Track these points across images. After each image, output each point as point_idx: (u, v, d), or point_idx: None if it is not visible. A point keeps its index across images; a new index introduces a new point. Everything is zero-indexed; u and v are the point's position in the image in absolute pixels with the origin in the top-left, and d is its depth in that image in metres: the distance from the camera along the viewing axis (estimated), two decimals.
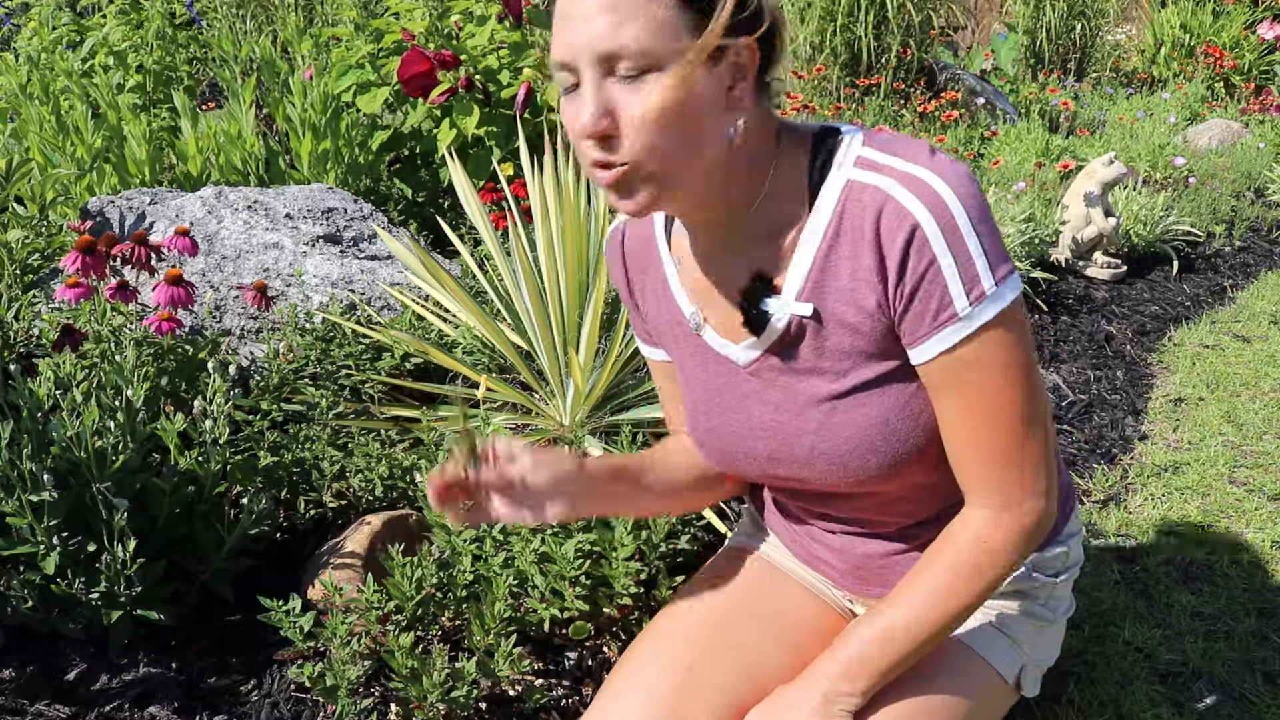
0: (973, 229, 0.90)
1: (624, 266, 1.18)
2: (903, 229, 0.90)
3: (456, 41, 3.26)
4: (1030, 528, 0.99)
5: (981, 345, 0.93)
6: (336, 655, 1.33)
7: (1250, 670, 1.63)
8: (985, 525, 0.99)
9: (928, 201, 0.90)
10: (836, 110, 5.29)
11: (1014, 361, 0.94)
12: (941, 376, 0.96)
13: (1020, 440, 0.96)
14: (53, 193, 2.78)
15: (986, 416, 0.96)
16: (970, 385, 0.95)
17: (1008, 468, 0.97)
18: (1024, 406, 0.95)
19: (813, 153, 0.98)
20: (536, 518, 1.03)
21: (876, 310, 0.96)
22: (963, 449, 0.99)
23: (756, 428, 1.08)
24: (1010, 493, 0.98)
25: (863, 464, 1.02)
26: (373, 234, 2.67)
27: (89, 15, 4.97)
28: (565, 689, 1.51)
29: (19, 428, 1.46)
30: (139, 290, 1.77)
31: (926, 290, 0.92)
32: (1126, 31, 8.55)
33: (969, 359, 0.94)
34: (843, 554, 1.19)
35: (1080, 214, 3.61)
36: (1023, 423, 0.96)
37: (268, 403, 1.87)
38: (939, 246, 0.90)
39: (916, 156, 0.93)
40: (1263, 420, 2.57)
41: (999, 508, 0.99)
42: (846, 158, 0.96)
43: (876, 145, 0.95)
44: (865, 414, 1.01)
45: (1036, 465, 0.98)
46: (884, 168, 0.93)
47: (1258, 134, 5.81)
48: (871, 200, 0.92)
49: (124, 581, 1.47)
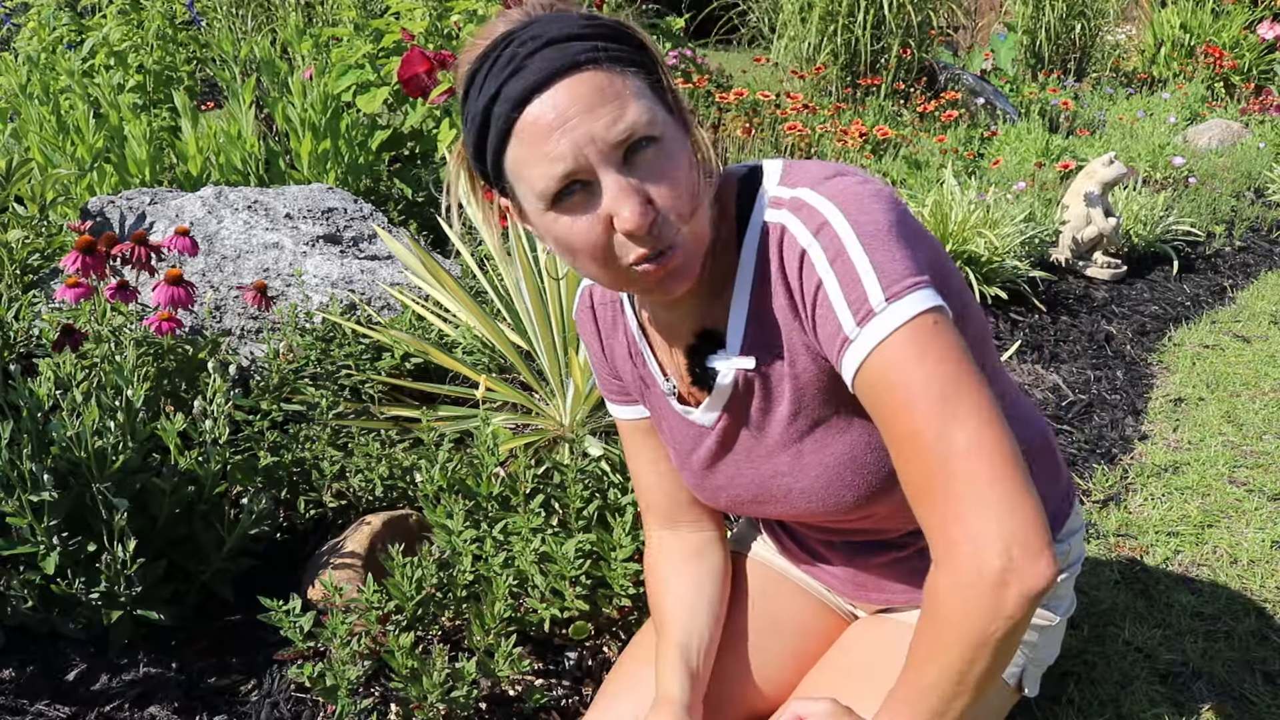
0: (860, 246, 0.86)
1: (595, 325, 1.16)
2: (794, 256, 0.90)
3: (457, 41, 3.26)
4: (978, 581, 0.80)
5: (879, 366, 0.85)
6: (336, 655, 1.33)
7: (1250, 670, 1.63)
8: (931, 576, 0.86)
9: (813, 226, 0.89)
10: (836, 110, 5.29)
11: (916, 381, 0.83)
12: (865, 402, 0.89)
13: (943, 471, 0.83)
14: (53, 193, 2.78)
15: (903, 444, 0.86)
16: (883, 412, 0.87)
17: (934, 504, 0.84)
18: (938, 432, 0.83)
19: (739, 198, 0.97)
20: None
21: (802, 348, 0.94)
22: (903, 485, 0.89)
23: (735, 476, 1.08)
24: (945, 532, 0.83)
25: (839, 499, 1.02)
26: (373, 234, 2.67)
27: (89, 15, 4.97)
28: (565, 689, 1.51)
29: (19, 428, 1.46)
30: (139, 290, 1.77)
31: (822, 314, 0.89)
32: (1126, 31, 8.56)
33: (871, 381, 0.86)
34: (842, 563, 1.19)
35: (1080, 214, 3.61)
36: (940, 451, 0.83)
37: (268, 403, 1.87)
38: (823, 269, 0.88)
39: (814, 184, 0.91)
40: (1263, 420, 2.57)
41: (937, 554, 0.85)
42: (762, 199, 0.94)
43: (786, 180, 0.94)
44: (831, 453, 1.00)
45: (971, 504, 0.82)
46: (786, 202, 0.92)
47: (1258, 134, 5.81)
48: (776, 237, 0.92)
49: (124, 581, 1.47)
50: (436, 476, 1.56)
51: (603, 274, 0.89)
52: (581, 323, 1.18)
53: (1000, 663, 0.84)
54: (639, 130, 0.83)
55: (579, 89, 0.82)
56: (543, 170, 0.83)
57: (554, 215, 0.86)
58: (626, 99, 0.83)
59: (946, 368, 0.84)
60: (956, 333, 0.87)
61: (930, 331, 0.85)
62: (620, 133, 0.82)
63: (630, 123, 0.83)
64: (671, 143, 0.86)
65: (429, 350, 2.02)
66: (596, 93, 0.82)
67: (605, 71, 0.83)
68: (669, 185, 0.85)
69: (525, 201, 0.89)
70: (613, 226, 0.85)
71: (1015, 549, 0.80)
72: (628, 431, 1.19)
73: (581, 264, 0.89)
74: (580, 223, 0.85)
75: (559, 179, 0.83)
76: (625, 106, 0.83)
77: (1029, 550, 0.80)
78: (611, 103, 0.82)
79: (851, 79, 5.96)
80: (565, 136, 0.82)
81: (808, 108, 4.93)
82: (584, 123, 0.82)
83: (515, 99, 0.83)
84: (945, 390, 0.84)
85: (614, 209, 0.84)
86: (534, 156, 0.83)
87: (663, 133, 0.85)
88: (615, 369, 1.16)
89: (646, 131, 0.83)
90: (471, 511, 1.56)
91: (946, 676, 0.84)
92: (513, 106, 0.83)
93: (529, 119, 0.83)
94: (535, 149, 0.83)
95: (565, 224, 0.86)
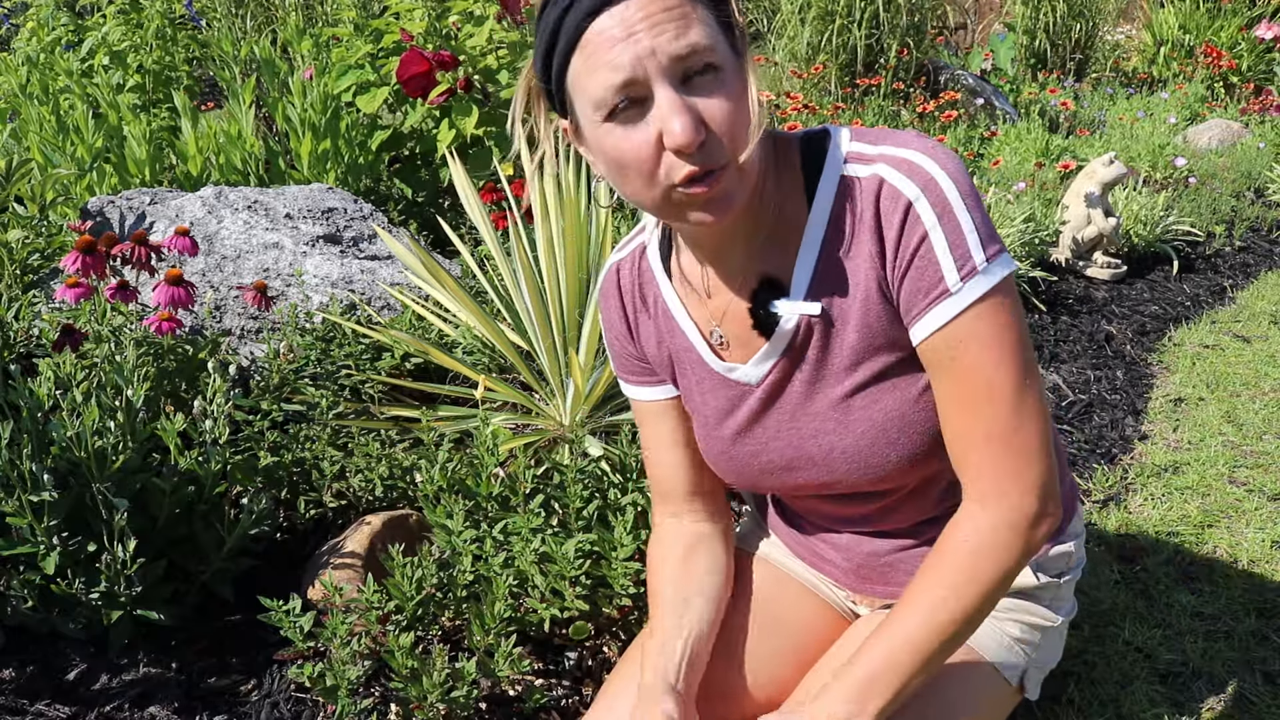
0: (964, 205, 0.92)
1: (621, 305, 1.17)
2: (899, 208, 0.93)
3: (455, 42, 3.26)
4: (1020, 524, 0.95)
5: (973, 322, 0.92)
6: (336, 655, 1.33)
7: (1250, 670, 1.63)
8: (972, 521, 0.96)
9: (920, 180, 0.92)
10: (836, 110, 5.29)
11: (1006, 341, 0.93)
12: (936, 356, 0.95)
13: (1011, 426, 0.94)
14: (53, 193, 2.78)
15: (977, 397, 0.94)
16: (961, 365, 0.94)
17: (997, 455, 0.95)
18: (1015, 390, 0.93)
19: (804, 155, 1.00)
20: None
21: (879, 296, 0.97)
22: (955, 434, 0.97)
23: (772, 439, 1.08)
24: (999, 482, 0.95)
25: (883, 459, 1.03)
26: (373, 234, 2.67)
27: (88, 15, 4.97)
28: (565, 689, 1.51)
29: (19, 428, 1.46)
30: (139, 290, 1.77)
31: (919, 266, 0.93)
32: (1126, 31, 8.56)
33: (961, 335, 0.93)
34: (848, 553, 1.19)
35: (1080, 214, 3.61)
36: (1013, 408, 0.94)
37: (268, 403, 1.87)
38: (930, 221, 0.92)
39: (905, 142, 0.96)
40: (1263, 420, 2.57)
41: (986, 499, 0.96)
42: (837, 155, 0.98)
43: (864, 139, 0.98)
44: (880, 409, 1.01)
45: (1028, 457, 0.94)
46: (875, 158, 0.96)
47: (1257, 134, 5.81)
48: (868, 188, 0.95)
49: (124, 581, 1.47)
50: (436, 476, 1.56)
51: (648, 193, 0.91)
52: (607, 302, 1.18)
53: (997, 603, 0.98)
54: (700, 51, 0.86)
55: (650, 6, 0.85)
56: (602, 78, 0.86)
57: (608, 127, 0.89)
58: (692, 21, 0.86)
59: (1024, 332, 0.95)
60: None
61: (1014, 296, 0.95)
62: (682, 48, 0.85)
63: (692, 42, 0.85)
64: (730, 74, 0.88)
65: (429, 350, 2.02)
66: (664, 11, 0.85)
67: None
68: (722, 111, 0.87)
69: (582, 115, 0.91)
70: (663, 145, 0.87)
71: (1049, 498, 0.96)
72: (649, 414, 1.20)
73: (630, 182, 0.91)
74: (633, 136, 0.88)
75: (617, 88, 0.86)
76: (690, 27, 0.86)
77: (1056, 497, 0.97)
78: (678, 21, 0.85)
79: (850, 79, 5.96)
80: (629, 48, 0.85)
81: (807, 108, 4.93)
82: (648, 36, 0.85)
83: (586, 9, 0.86)
84: (1023, 354, 0.94)
85: (665, 124, 0.86)
86: (596, 64, 0.86)
87: (723, 63, 0.87)
88: (642, 349, 1.17)
89: (707, 56, 0.86)
90: (471, 511, 1.56)
91: (965, 611, 0.95)
92: (583, 16, 0.86)
93: (596, 29, 0.86)
94: (598, 58, 0.86)
95: (618, 136, 0.89)
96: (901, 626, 0.96)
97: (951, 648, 0.97)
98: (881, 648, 0.96)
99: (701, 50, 0.86)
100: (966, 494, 0.98)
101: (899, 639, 0.95)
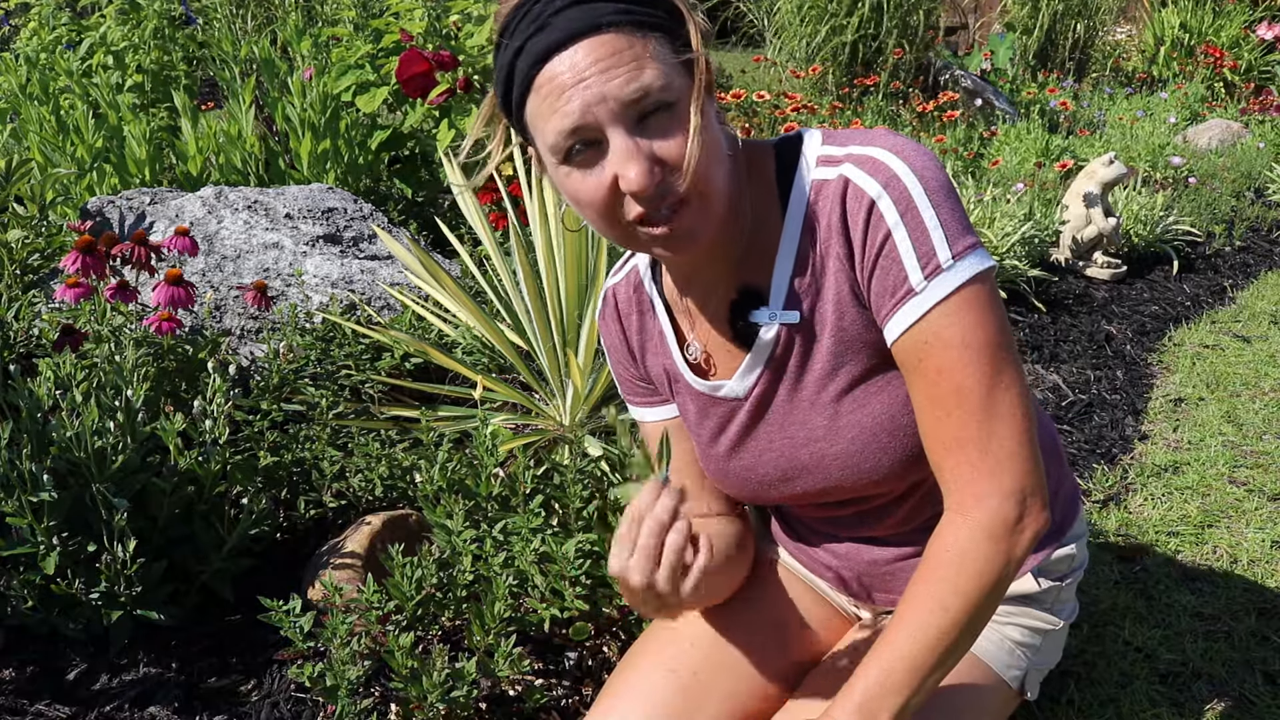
0: (928, 201, 0.90)
1: (621, 329, 1.17)
2: (862, 207, 0.92)
3: (455, 42, 3.26)
4: (999, 531, 0.90)
5: (939, 321, 0.90)
6: (336, 655, 1.33)
7: (1250, 670, 1.63)
8: (953, 530, 0.92)
9: (882, 178, 0.91)
10: (835, 110, 5.29)
11: (975, 340, 0.90)
12: (906, 358, 0.93)
13: (985, 429, 0.90)
14: (53, 193, 2.78)
15: (946, 400, 0.91)
16: (929, 366, 0.91)
17: (972, 459, 0.91)
18: (986, 391, 0.90)
19: (778, 163, 1.00)
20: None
21: (852, 299, 0.96)
22: (929, 438, 0.94)
23: (765, 451, 1.08)
24: (975, 486, 0.91)
25: (875, 463, 1.02)
26: (373, 234, 2.67)
27: (88, 15, 4.96)
28: (565, 689, 1.51)
29: (19, 428, 1.46)
30: (139, 290, 1.77)
31: (884, 265, 0.92)
32: (1126, 31, 8.56)
33: (927, 336, 0.91)
34: (848, 561, 1.19)
35: (1080, 214, 3.61)
36: (985, 410, 0.90)
37: (268, 403, 1.87)
38: (893, 219, 0.90)
39: (872, 140, 0.95)
40: (1263, 420, 2.57)
41: (965, 506, 0.92)
42: (808, 160, 0.97)
43: (833, 141, 0.97)
44: (868, 413, 1.00)
45: (1004, 461, 0.90)
46: (842, 158, 0.95)
47: (1257, 134, 5.81)
48: (835, 190, 0.94)
49: (124, 581, 1.47)
50: (436, 476, 1.56)
51: (610, 230, 0.92)
52: (606, 326, 1.18)
53: (994, 609, 0.93)
54: (652, 93, 0.85)
55: (598, 50, 0.84)
56: (554, 125, 0.86)
57: (565, 170, 0.89)
58: (644, 61, 0.85)
59: (997, 330, 0.91)
60: (1000, 296, 0.93)
61: (988, 293, 0.91)
62: (633, 93, 0.84)
63: (644, 85, 0.85)
64: (686, 108, 0.87)
65: (428, 350, 2.02)
66: (614, 54, 0.84)
67: (626, 34, 0.85)
68: (679, 149, 0.86)
69: (542, 154, 0.92)
70: (619, 186, 0.87)
71: (1030, 500, 0.91)
72: (657, 436, 1.17)
73: (590, 219, 0.92)
74: (589, 180, 0.88)
75: (566, 134, 0.86)
76: (643, 69, 0.85)
77: (1039, 500, 0.92)
78: (628, 65, 0.84)
79: (849, 79, 5.96)
80: (579, 94, 0.84)
81: (806, 108, 4.93)
82: (598, 82, 0.84)
83: (537, 55, 0.86)
84: (996, 353, 0.91)
85: (620, 169, 0.86)
86: (548, 111, 0.86)
87: (678, 97, 0.87)
88: (645, 370, 1.16)
89: (660, 96, 0.85)
90: (471, 511, 1.56)
91: (956, 623, 0.90)
92: (534, 62, 0.86)
93: (547, 75, 0.85)
94: (550, 104, 0.86)
95: (575, 179, 0.89)
96: (895, 649, 0.92)
97: (951, 660, 0.92)
98: (876, 671, 0.91)
99: (655, 91, 0.85)
100: (947, 502, 0.95)
101: (895, 661, 0.91)
